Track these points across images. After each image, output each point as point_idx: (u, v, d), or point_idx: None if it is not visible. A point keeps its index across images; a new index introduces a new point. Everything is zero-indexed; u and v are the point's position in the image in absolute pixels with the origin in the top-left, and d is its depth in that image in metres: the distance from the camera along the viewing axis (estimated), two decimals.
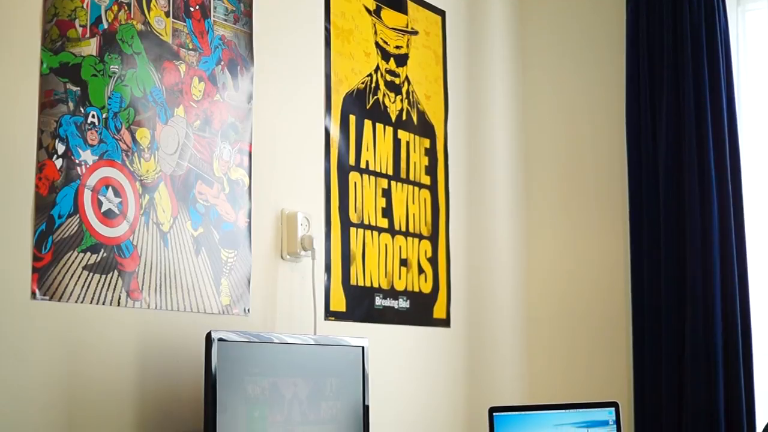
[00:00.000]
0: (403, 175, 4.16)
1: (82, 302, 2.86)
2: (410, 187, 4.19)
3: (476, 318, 4.54)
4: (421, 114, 4.30)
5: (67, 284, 2.82)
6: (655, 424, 4.46)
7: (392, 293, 4.06)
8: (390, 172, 4.10)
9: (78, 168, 2.88)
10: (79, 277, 2.85)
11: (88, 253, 2.89)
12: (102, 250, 2.93)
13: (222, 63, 3.39)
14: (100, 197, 2.94)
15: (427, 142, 4.32)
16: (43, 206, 2.78)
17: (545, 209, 4.94)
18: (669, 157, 4.49)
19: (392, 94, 4.15)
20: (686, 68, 4.47)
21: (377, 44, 4.11)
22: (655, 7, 4.59)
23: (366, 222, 3.95)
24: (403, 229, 4.14)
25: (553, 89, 4.98)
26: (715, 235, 4.38)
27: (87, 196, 2.90)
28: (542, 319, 4.89)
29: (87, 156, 2.91)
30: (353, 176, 3.92)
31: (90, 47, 2.97)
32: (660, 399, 4.45)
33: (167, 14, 3.22)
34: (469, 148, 4.59)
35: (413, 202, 4.21)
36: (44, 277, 2.76)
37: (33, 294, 2.73)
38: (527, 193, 4.96)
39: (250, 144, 3.47)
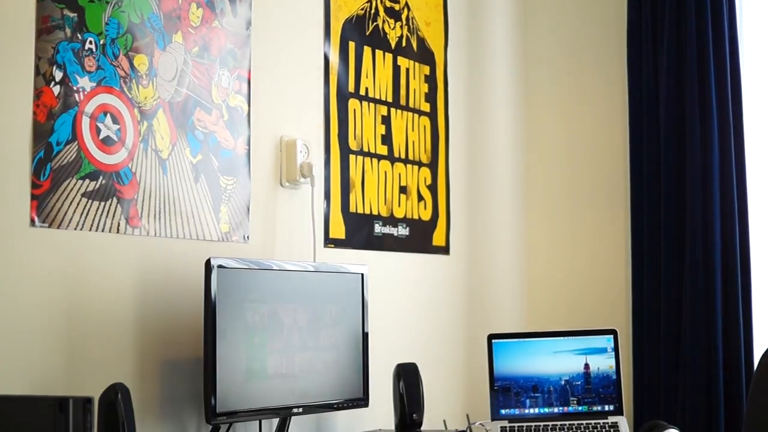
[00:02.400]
0: (402, 102, 4.14)
1: (81, 229, 2.86)
2: (410, 114, 4.18)
3: (476, 245, 4.55)
4: (421, 41, 4.27)
5: (66, 211, 2.82)
6: (653, 351, 4.49)
7: (392, 220, 4.06)
8: (389, 99, 4.08)
9: (76, 95, 2.87)
10: (78, 204, 2.85)
11: (87, 180, 2.88)
12: (101, 177, 2.92)
13: None
14: (98, 124, 2.92)
15: (426, 69, 4.29)
16: (41, 133, 2.77)
17: (545, 136, 4.93)
18: (670, 83, 4.48)
19: (392, 21, 4.12)
20: None
21: None
22: None
23: (365, 149, 3.94)
24: (403, 156, 4.13)
25: (555, 17, 4.94)
26: (715, 166, 4.37)
27: (85, 123, 2.89)
28: (542, 246, 4.90)
29: (85, 83, 2.89)
30: (353, 103, 3.91)
31: None
32: (659, 326, 4.47)
33: None
34: (469, 75, 4.57)
35: (413, 130, 4.19)
36: (43, 205, 2.76)
37: (32, 221, 2.73)
38: (527, 119, 4.94)
39: (249, 71, 3.45)
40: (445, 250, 4.35)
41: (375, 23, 4.04)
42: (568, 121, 4.89)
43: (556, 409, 3.74)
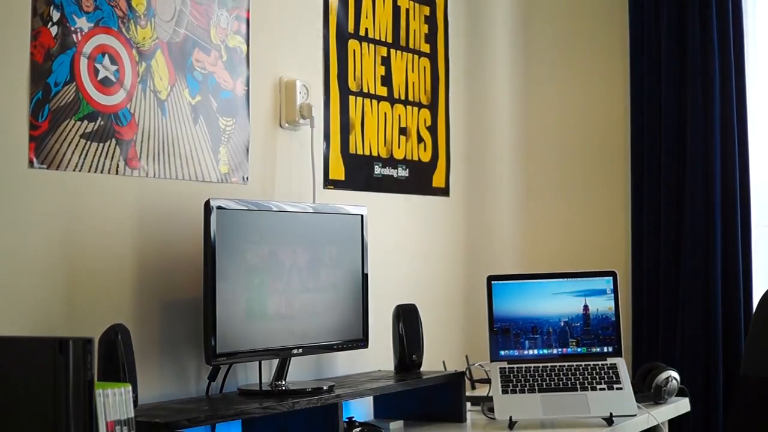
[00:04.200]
0: (402, 43, 4.11)
1: (80, 170, 2.85)
2: (410, 55, 4.16)
3: (475, 187, 4.54)
4: None
5: (65, 152, 2.81)
6: (652, 293, 4.50)
7: (391, 162, 4.05)
8: (389, 40, 4.05)
9: (73, 35, 2.85)
10: (76, 145, 2.84)
11: (85, 122, 2.87)
12: (99, 119, 2.91)
13: None
14: (96, 65, 2.91)
15: (426, 10, 4.26)
16: (39, 74, 2.75)
17: (546, 77, 4.91)
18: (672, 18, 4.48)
19: None
20: None
21: None
22: None
23: (365, 90, 3.93)
24: (403, 97, 4.12)
25: None
26: (716, 107, 4.37)
27: (83, 64, 2.87)
28: (541, 188, 4.90)
29: (82, 23, 2.87)
30: (352, 44, 3.88)
31: None
32: (658, 268, 4.48)
33: None
34: (469, 16, 4.54)
35: (413, 71, 4.17)
36: (41, 146, 2.75)
37: (30, 162, 2.72)
38: (528, 60, 4.92)
39: (248, 10, 3.42)
40: (444, 191, 4.34)
41: None
42: (569, 62, 4.88)
43: (555, 351, 3.75)
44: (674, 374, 3.87)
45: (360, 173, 3.89)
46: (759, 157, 4.46)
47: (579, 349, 3.75)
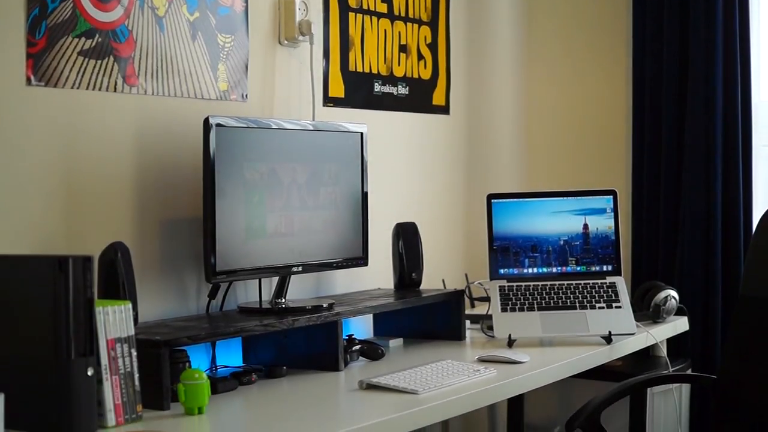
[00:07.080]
0: None
1: (78, 88, 2.83)
2: None
3: (476, 105, 4.52)
4: None
5: (63, 70, 2.79)
6: (652, 212, 4.50)
7: (391, 79, 4.02)
8: None
9: None
10: (74, 62, 2.82)
11: (83, 39, 2.84)
12: (97, 36, 2.88)
13: None
14: None
15: None
16: None
17: None
18: None
19: None
20: None
21: None
22: None
23: (365, 6, 3.89)
24: (403, 14, 4.08)
25: None
26: (718, 23, 4.33)
27: None
28: (542, 106, 4.87)
29: None
30: None
31: None
32: (658, 187, 4.47)
33: None
34: None
35: None
36: (39, 63, 2.73)
37: (28, 80, 2.70)
38: None
39: None
40: (444, 109, 4.32)
41: None
42: None
43: (554, 269, 3.76)
44: (673, 293, 3.88)
45: (360, 91, 3.87)
46: (761, 77, 4.42)
47: (578, 268, 3.76)
